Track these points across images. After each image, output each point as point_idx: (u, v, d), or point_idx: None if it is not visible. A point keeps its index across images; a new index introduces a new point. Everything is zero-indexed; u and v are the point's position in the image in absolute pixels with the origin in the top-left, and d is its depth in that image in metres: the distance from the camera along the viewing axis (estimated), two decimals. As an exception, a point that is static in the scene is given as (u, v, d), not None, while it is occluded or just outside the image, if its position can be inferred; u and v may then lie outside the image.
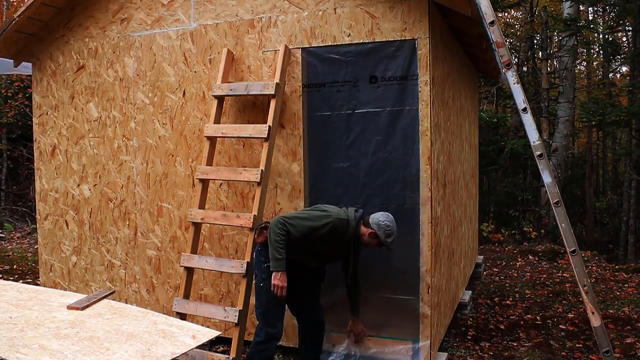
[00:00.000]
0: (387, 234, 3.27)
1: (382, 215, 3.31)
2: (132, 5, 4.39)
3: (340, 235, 3.30)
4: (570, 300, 5.89)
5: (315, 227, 3.23)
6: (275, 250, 3.21)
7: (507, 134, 12.91)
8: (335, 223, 3.26)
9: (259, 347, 3.31)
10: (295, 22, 3.87)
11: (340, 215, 3.32)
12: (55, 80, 4.73)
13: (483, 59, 5.64)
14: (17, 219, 10.96)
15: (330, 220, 3.25)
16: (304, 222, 3.24)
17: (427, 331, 3.69)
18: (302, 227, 3.23)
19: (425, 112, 3.60)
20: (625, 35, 13.98)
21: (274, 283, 3.22)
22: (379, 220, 3.29)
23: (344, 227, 3.30)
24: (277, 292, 3.23)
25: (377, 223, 3.28)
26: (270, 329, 3.32)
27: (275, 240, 3.20)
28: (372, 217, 3.32)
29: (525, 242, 10.30)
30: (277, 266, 3.21)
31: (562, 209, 3.10)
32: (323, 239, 3.27)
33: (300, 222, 3.24)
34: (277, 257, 3.21)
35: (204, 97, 4.17)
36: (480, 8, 3.28)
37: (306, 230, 3.23)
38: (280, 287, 3.22)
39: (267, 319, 3.33)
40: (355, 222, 3.32)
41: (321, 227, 3.23)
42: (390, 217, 3.33)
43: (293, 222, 3.23)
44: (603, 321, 3.08)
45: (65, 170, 4.73)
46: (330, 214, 3.29)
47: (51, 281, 4.87)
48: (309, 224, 3.24)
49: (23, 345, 1.92)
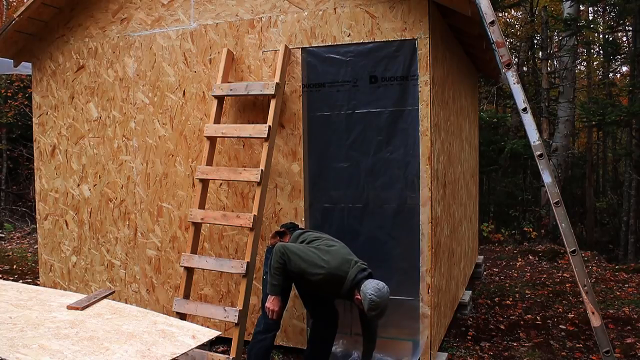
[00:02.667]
0: (370, 307, 3.09)
1: (372, 288, 3.09)
2: (132, 5, 4.39)
3: (332, 287, 3.24)
4: (570, 300, 5.89)
5: (307, 272, 3.21)
6: (272, 277, 3.31)
7: (507, 134, 12.91)
8: (327, 277, 3.19)
9: (259, 337, 3.42)
10: (295, 22, 3.87)
11: (338, 271, 3.19)
12: (55, 80, 4.73)
13: (483, 59, 5.64)
14: (17, 219, 10.95)
15: (322, 273, 3.18)
16: (299, 262, 3.22)
17: (427, 331, 3.69)
18: (296, 266, 3.23)
19: (425, 112, 3.60)
20: (625, 35, 13.97)
21: (267, 306, 3.34)
22: (367, 292, 3.09)
23: (339, 282, 3.20)
24: (269, 315, 3.34)
25: (364, 294, 3.10)
26: (268, 319, 3.39)
27: (274, 267, 3.29)
28: (364, 285, 3.13)
29: (525, 242, 10.30)
30: (272, 291, 3.33)
31: (562, 209, 3.10)
32: (314, 283, 3.27)
33: (296, 259, 3.22)
34: (273, 284, 3.32)
35: (204, 97, 4.17)
36: (480, 8, 3.27)
37: (299, 271, 3.24)
38: (271, 311, 3.33)
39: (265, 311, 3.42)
40: (351, 284, 3.18)
41: (312, 275, 3.21)
42: (382, 291, 3.09)
43: (291, 257, 3.24)
44: (603, 321, 3.08)
45: (65, 170, 4.73)
46: (326, 266, 3.18)
47: (51, 281, 4.87)
48: (303, 266, 3.21)
49: (23, 345, 1.92)
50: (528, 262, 8.02)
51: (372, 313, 3.14)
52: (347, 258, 3.27)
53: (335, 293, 3.30)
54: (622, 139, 14.99)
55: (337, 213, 3.87)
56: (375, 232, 3.80)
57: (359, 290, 3.16)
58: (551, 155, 10.38)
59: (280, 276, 3.29)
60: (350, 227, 3.86)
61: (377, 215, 3.79)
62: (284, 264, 3.25)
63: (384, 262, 3.77)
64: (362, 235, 3.83)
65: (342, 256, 3.27)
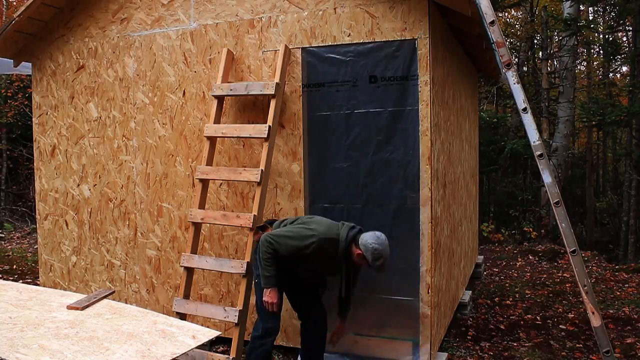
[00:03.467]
0: (374, 257, 3.12)
1: (371, 237, 3.16)
2: (132, 5, 4.39)
3: (329, 254, 3.23)
4: (570, 300, 5.89)
5: (300, 247, 3.19)
6: (264, 269, 3.24)
7: (507, 134, 12.91)
8: (321, 243, 3.18)
9: (257, 342, 3.36)
10: (295, 22, 3.87)
11: (328, 234, 3.22)
12: (55, 80, 4.73)
13: (483, 59, 5.64)
14: (17, 219, 10.96)
15: (315, 241, 3.18)
16: (289, 241, 3.21)
17: (427, 331, 3.69)
18: (287, 246, 3.21)
19: (425, 112, 3.60)
20: (625, 35, 13.97)
21: (264, 300, 3.26)
22: (367, 242, 3.14)
23: (333, 246, 3.21)
24: (268, 309, 3.27)
25: (364, 245, 3.14)
26: (267, 324, 3.35)
27: (263, 258, 3.22)
28: (362, 238, 3.19)
29: (525, 242, 10.30)
30: (267, 283, 3.25)
31: (562, 209, 3.10)
32: (310, 258, 3.23)
33: (286, 241, 3.21)
34: (267, 275, 3.24)
35: (204, 97, 4.17)
36: (481, 8, 3.27)
37: (292, 250, 3.21)
38: (270, 304, 3.26)
39: (265, 316, 3.35)
40: (346, 242, 3.21)
41: (306, 247, 3.18)
42: (381, 238, 3.17)
43: (279, 241, 3.21)
44: (603, 321, 3.08)
45: (65, 170, 4.73)
46: (315, 233, 3.20)
47: (51, 281, 4.87)
48: (294, 243, 3.20)
49: (23, 345, 1.92)
50: (528, 262, 8.02)
51: (377, 263, 3.15)
52: (332, 222, 3.34)
53: (333, 261, 3.25)
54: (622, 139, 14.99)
55: (337, 213, 3.87)
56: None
57: (357, 245, 3.18)
58: (551, 155, 10.37)
59: (272, 266, 3.22)
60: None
61: (376, 215, 3.79)
62: (274, 251, 3.20)
63: (384, 262, 3.77)
64: (362, 235, 3.83)
65: (327, 221, 3.34)
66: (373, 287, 3.83)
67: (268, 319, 3.35)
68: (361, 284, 3.85)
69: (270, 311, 3.30)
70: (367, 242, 3.15)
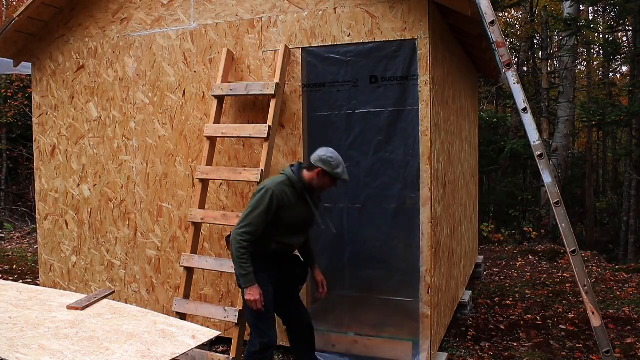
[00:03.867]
0: (334, 165, 3.11)
1: (320, 151, 3.17)
2: (132, 5, 4.39)
3: (291, 197, 3.15)
4: (570, 300, 5.89)
5: (265, 209, 3.06)
6: (239, 267, 3.07)
7: (507, 134, 12.91)
8: (277, 191, 3.09)
9: (256, 357, 3.19)
10: (295, 22, 3.87)
11: (277, 180, 3.16)
12: (55, 80, 4.73)
13: (483, 59, 5.64)
14: (17, 219, 10.96)
15: (271, 193, 3.07)
16: (254, 213, 3.07)
17: (427, 331, 3.69)
18: (257, 219, 3.06)
19: (425, 112, 3.60)
20: (625, 35, 13.97)
21: (247, 299, 3.08)
22: (320, 155, 3.13)
23: (289, 187, 3.15)
24: (253, 307, 3.09)
25: (319, 159, 3.12)
26: (264, 339, 3.18)
27: (237, 256, 3.07)
28: (312, 158, 3.17)
29: (525, 242, 10.30)
30: (246, 282, 3.07)
31: (562, 209, 3.10)
32: (282, 212, 3.12)
33: (252, 217, 3.07)
34: (243, 273, 3.07)
35: (204, 97, 4.17)
36: (481, 8, 3.27)
37: (263, 218, 3.07)
38: (253, 302, 3.07)
39: (259, 330, 3.20)
40: (297, 175, 3.17)
41: (269, 204, 3.06)
42: (330, 149, 3.19)
43: (248, 223, 3.07)
44: (603, 321, 3.08)
45: (65, 170, 4.73)
46: (266, 185, 3.13)
47: (51, 281, 4.87)
48: (259, 211, 3.06)
49: (23, 345, 1.92)
50: (528, 262, 8.02)
51: (338, 170, 3.14)
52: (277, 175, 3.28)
53: (300, 203, 3.19)
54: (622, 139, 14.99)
55: (337, 213, 3.87)
56: (375, 232, 3.80)
57: (310, 168, 3.17)
58: (551, 155, 10.37)
59: (248, 262, 3.05)
60: (350, 227, 3.86)
61: (376, 215, 3.79)
62: (246, 243, 3.05)
63: (384, 262, 3.78)
64: (362, 236, 3.83)
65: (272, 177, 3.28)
66: (373, 287, 3.83)
67: (263, 332, 3.19)
68: (361, 284, 3.85)
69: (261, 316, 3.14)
70: (320, 156, 3.14)
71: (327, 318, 3.94)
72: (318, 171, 3.16)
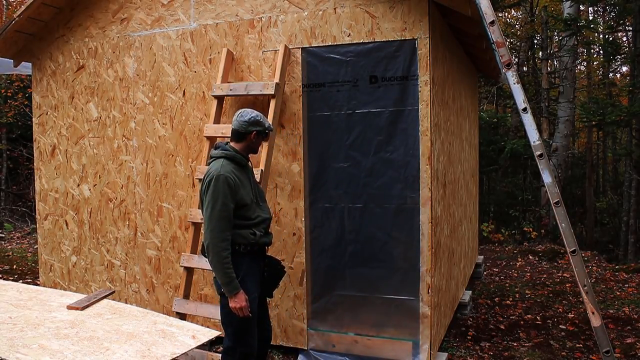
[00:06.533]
0: (263, 122, 3.06)
1: (241, 117, 3.05)
2: (132, 5, 4.39)
3: (238, 173, 3.00)
4: (570, 300, 5.89)
5: (226, 198, 2.87)
6: (224, 275, 2.85)
7: (507, 134, 12.91)
8: (225, 172, 2.91)
9: None
10: (295, 22, 3.87)
11: (215, 165, 2.97)
12: (55, 80, 4.73)
13: (483, 59, 5.64)
14: (17, 219, 10.96)
15: (222, 178, 2.88)
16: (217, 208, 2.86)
17: (427, 331, 3.69)
18: (222, 212, 2.86)
19: (425, 112, 3.60)
20: (625, 35, 13.97)
21: (233, 307, 2.87)
22: (246, 120, 3.03)
23: (232, 164, 3.00)
24: (240, 315, 2.90)
25: (249, 123, 3.03)
26: (245, 349, 2.99)
27: (220, 262, 2.84)
28: (240, 126, 3.04)
29: (525, 242, 10.30)
30: (231, 289, 2.86)
31: (562, 209, 3.10)
32: (240, 192, 2.95)
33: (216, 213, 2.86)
34: (228, 281, 2.85)
35: (204, 97, 4.17)
36: (480, 8, 3.27)
37: (228, 207, 2.89)
38: (240, 308, 2.88)
39: (239, 338, 2.99)
40: (231, 150, 3.04)
41: (228, 190, 2.88)
42: (245, 110, 3.11)
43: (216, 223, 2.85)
44: (603, 321, 3.08)
45: (65, 170, 4.73)
46: (210, 174, 2.93)
47: (51, 281, 4.87)
48: (220, 202, 2.86)
49: (23, 345, 1.92)
50: (528, 262, 8.02)
51: (268, 123, 3.10)
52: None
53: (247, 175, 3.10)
54: (622, 139, 14.99)
55: (337, 213, 3.88)
56: (375, 232, 3.80)
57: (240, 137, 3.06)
58: (551, 155, 10.37)
59: (230, 267, 2.85)
60: (350, 227, 3.86)
61: (377, 215, 3.79)
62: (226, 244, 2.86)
63: (384, 262, 3.78)
64: (362, 236, 3.83)
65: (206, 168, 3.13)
66: (373, 287, 3.83)
67: (246, 342, 2.98)
68: (361, 284, 3.85)
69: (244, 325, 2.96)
70: (245, 121, 3.04)
71: (327, 318, 3.94)
72: (253, 134, 3.06)
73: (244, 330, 2.99)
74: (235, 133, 3.10)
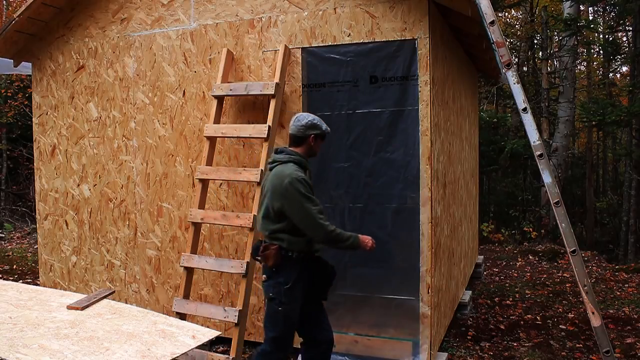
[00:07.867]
0: (320, 125, 3.04)
1: (299, 121, 3.03)
2: (132, 5, 4.39)
3: (307, 177, 2.99)
4: (570, 300, 5.89)
5: (310, 194, 2.91)
6: (344, 241, 2.92)
7: (507, 134, 12.92)
8: (299, 175, 2.91)
9: None
10: (295, 22, 3.87)
11: (287, 168, 2.95)
12: (55, 80, 4.73)
13: (483, 59, 5.64)
14: (17, 219, 10.95)
15: (300, 179, 2.89)
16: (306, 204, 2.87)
17: (427, 331, 3.69)
18: (314, 203, 2.91)
19: (425, 112, 3.59)
20: (625, 35, 13.97)
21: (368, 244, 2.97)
22: (304, 124, 3.00)
23: (300, 169, 2.98)
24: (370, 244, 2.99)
25: (307, 127, 3.00)
26: (281, 355, 3.03)
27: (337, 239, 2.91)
28: (298, 130, 3.02)
29: (525, 242, 10.30)
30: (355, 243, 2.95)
31: (562, 209, 3.10)
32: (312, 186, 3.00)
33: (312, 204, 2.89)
34: (349, 242, 2.94)
35: (204, 97, 4.17)
36: (481, 8, 3.27)
37: (315, 200, 2.93)
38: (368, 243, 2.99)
39: (279, 345, 3.01)
40: (296, 155, 3.01)
41: (309, 188, 2.93)
42: (302, 114, 3.10)
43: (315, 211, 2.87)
44: (603, 321, 3.08)
45: (65, 170, 4.73)
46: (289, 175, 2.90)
47: (51, 281, 4.87)
48: (308, 196, 2.89)
49: (23, 345, 1.92)
50: (528, 262, 8.02)
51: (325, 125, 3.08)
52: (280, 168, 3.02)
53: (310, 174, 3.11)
54: (622, 139, 14.99)
55: (338, 213, 3.87)
56: (375, 232, 3.78)
57: (299, 141, 3.02)
58: (551, 155, 10.37)
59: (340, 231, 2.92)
60: (351, 227, 3.85)
61: (377, 215, 3.79)
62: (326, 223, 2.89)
63: (384, 262, 3.77)
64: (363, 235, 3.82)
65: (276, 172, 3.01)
66: (373, 287, 3.83)
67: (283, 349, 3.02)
68: (361, 284, 3.85)
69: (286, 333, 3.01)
70: (303, 125, 3.01)
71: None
72: (311, 138, 3.03)
73: (284, 339, 3.02)
74: (293, 138, 3.07)
